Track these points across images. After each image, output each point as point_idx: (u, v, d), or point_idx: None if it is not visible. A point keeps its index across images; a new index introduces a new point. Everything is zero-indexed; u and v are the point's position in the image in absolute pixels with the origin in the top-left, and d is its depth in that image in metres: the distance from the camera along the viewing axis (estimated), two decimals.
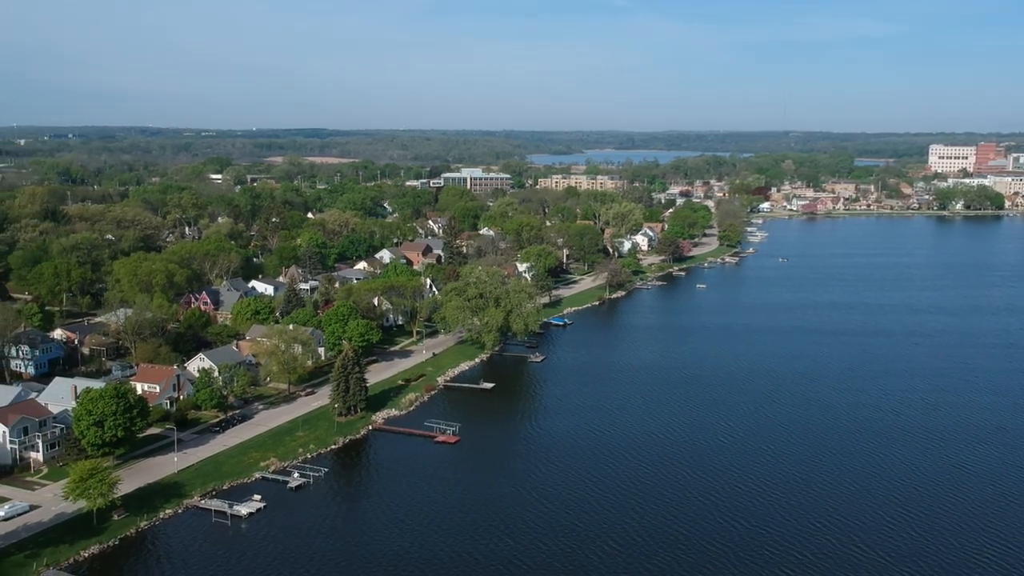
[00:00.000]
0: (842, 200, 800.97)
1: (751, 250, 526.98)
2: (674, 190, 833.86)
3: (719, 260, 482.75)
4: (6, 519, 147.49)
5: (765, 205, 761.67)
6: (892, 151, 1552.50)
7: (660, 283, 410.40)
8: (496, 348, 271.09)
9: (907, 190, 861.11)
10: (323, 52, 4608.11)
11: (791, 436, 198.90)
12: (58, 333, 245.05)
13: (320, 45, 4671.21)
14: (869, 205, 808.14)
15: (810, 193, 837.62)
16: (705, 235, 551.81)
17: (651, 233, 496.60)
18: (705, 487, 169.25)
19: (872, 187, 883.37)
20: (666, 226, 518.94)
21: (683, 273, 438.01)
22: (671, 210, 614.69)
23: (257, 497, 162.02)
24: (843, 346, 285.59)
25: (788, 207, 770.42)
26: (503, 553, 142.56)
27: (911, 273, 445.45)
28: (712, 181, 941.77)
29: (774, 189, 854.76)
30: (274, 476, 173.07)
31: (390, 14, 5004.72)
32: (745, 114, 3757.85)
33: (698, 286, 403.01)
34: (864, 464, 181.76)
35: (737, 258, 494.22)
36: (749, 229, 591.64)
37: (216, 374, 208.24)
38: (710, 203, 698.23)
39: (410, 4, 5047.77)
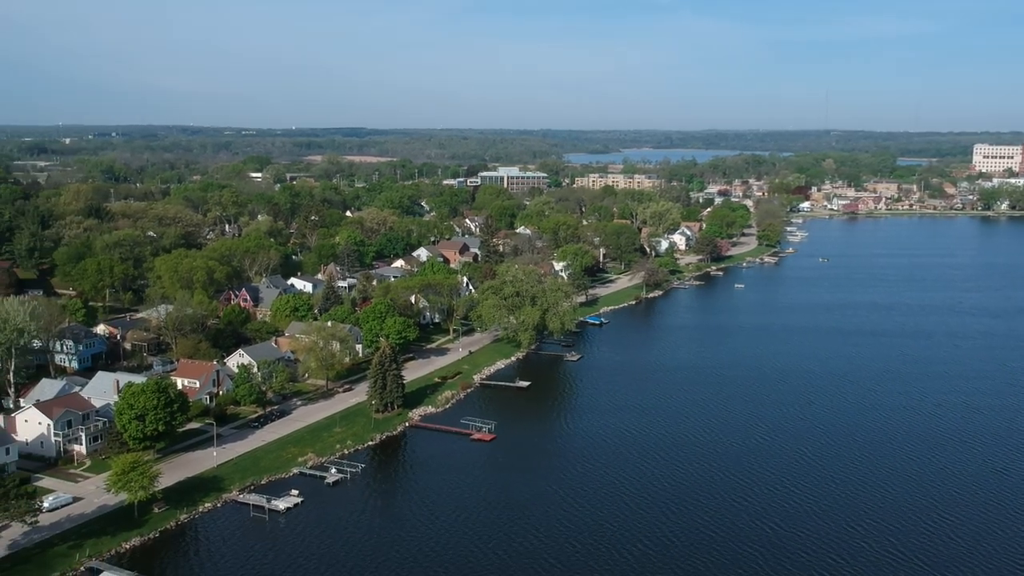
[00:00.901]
0: (884, 200, 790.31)
1: (790, 250, 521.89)
2: (712, 189, 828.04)
3: (758, 260, 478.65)
4: (51, 510, 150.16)
5: (805, 205, 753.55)
6: (935, 150, 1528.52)
7: (697, 283, 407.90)
8: (532, 347, 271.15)
9: (951, 190, 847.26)
10: (362, 52, 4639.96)
11: (826, 438, 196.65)
12: (101, 328, 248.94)
13: (359, 45, 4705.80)
14: (912, 205, 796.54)
15: (851, 193, 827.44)
16: (743, 235, 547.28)
17: (689, 232, 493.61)
18: (738, 489, 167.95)
19: (915, 187, 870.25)
20: (704, 225, 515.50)
21: (721, 273, 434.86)
22: (709, 209, 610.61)
23: (295, 492, 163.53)
24: (882, 347, 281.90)
25: (829, 207, 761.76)
26: (535, 552, 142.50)
27: (954, 274, 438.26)
28: (751, 180, 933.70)
29: (814, 188, 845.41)
30: (312, 472, 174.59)
31: (428, 14, 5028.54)
32: (785, 113, 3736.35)
33: (736, 286, 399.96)
34: (902, 467, 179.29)
35: (776, 258, 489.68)
36: (788, 229, 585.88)
37: (255, 370, 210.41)
38: (749, 202, 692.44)
39: (448, 3, 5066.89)
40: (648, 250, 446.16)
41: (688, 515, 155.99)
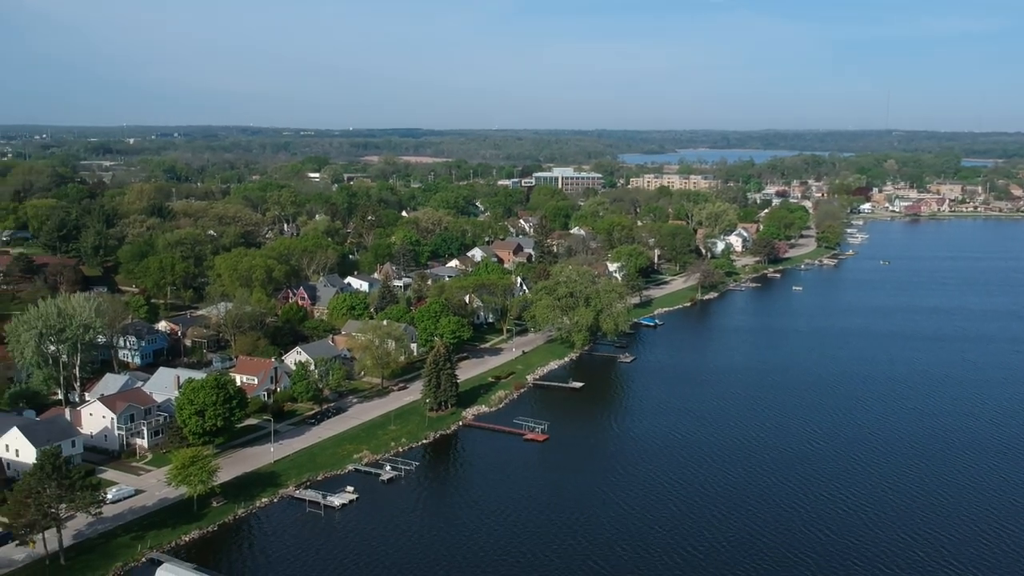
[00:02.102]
0: (947, 202, 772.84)
1: (850, 252, 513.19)
2: (770, 190, 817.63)
3: (816, 262, 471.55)
4: (114, 502, 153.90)
5: (866, 206, 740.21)
6: (1002, 151, 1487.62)
7: (754, 285, 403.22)
8: (585, 347, 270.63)
9: (1017, 191, 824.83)
10: (419, 54, 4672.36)
11: (882, 444, 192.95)
12: (162, 325, 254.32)
13: (416, 47, 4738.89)
14: (976, 207, 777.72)
15: (913, 194, 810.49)
16: (802, 236, 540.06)
17: (745, 234, 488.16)
18: (789, 495, 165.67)
19: (980, 188, 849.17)
20: (761, 227, 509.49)
21: (778, 275, 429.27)
22: (767, 210, 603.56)
23: (350, 489, 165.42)
24: (943, 352, 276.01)
25: (890, 208, 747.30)
26: (584, 554, 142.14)
27: (1018, 278, 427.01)
28: (810, 181, 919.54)
29: (875, 190, 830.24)
30: (367, 468, 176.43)
31: (484, 15, 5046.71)
32: (845, 112, 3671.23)
33: (794, 288, 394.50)
34: (959, 476, 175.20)
35: (835, 260, 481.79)
36: (848, 231, 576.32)
37: (312, 367, 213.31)
38: (808, 203, 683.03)
39: (503, 4, 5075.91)
40: (704, 251, 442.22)
41: (738, 521, 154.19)
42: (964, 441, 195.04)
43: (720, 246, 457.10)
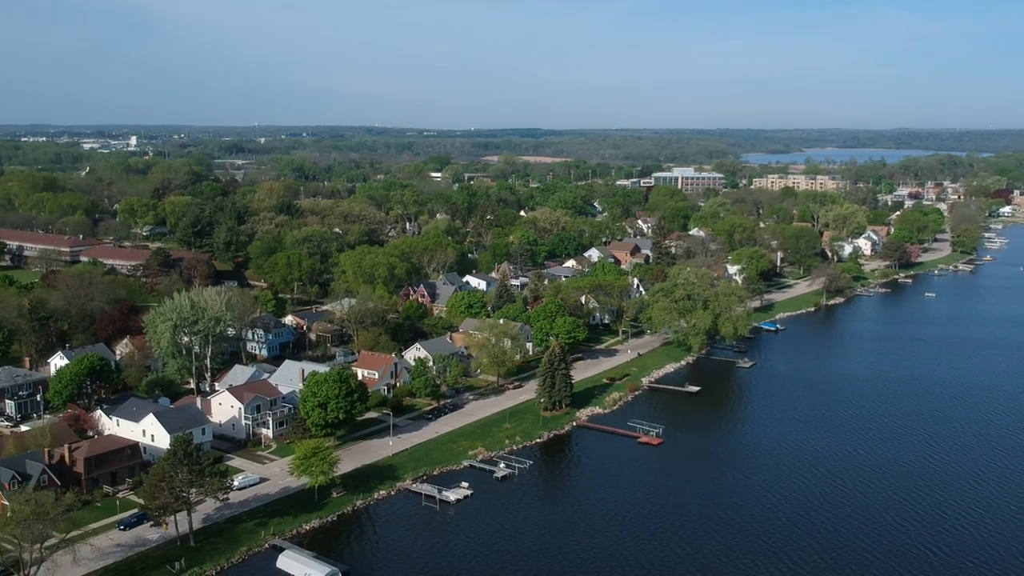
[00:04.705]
0: None
1: (988, 257, 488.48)
2: (902, 191, 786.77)
3: (951, 267, 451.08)
4: (240, 489, 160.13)
5: (1006, 209, 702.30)
6: None
7: (883, 290, 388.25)
8: (703, 351, 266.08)
9: None
10: (540, 54, 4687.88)
11: (1007, 462, 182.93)
12: (289, 319, 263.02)
13: (537, 48, 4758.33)
14: None
15: None
16: (936, 240, 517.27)
17: (875, 237, 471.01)
18: (905, 511, 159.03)
19: None
20: (892, 229, 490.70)
21: (909, 280, 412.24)
22: (898, 213, 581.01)
23: (465, 484, 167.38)
24: None
25: None
26: (694, 560, 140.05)
27: None
28: (945, 182, 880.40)
29: (1017, 192, 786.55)
30: (481, 465, 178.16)
31: (606, 15, 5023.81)
32: (985, 111, 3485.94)
33: (926, 295, 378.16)
34: None
35: (972, 266, 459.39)
36: (987, 235, 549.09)
37: (431, 364, 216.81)
38: (942, 206, 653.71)
39: (627, 4, 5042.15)
40: (830, 255, 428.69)
41: (847, 535, 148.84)
42: None
43: (848, 249, 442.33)
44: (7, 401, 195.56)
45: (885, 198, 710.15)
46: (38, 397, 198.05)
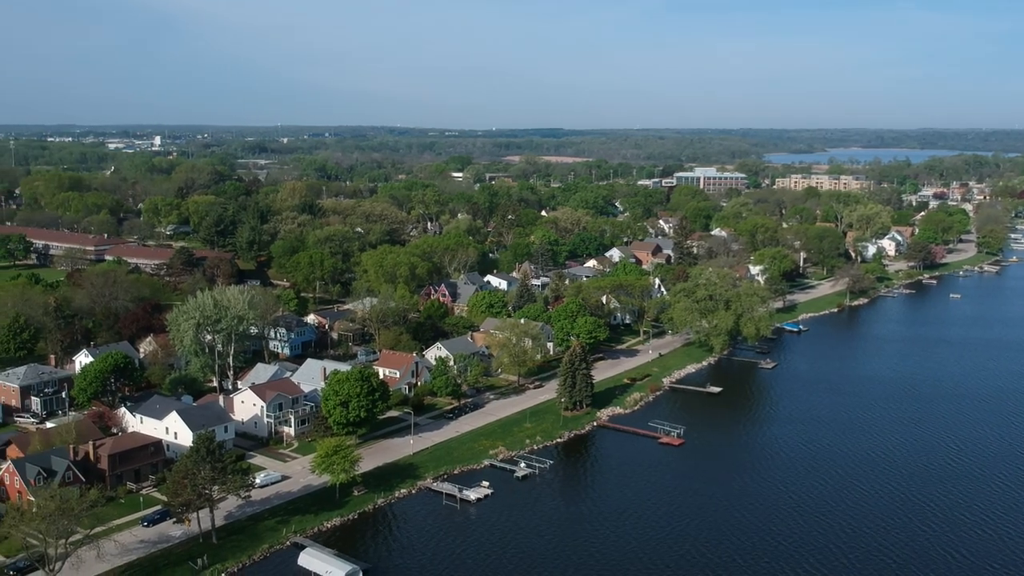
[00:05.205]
0: None
1: (1014, 259, 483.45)
2: (927, 192, 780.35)
3: (976, 268, 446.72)
4: (262, 486, 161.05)
5: None
6: None
7: (907, 291, 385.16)
8: (724, 352, 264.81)
9: None
10: (561, 54, 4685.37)
11: None
12: (311, 318, 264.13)
13: (558, 48, 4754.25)
14: None
15: None
16: (961, 241, 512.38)
17: (899, 237, 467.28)
18: (927, 513, 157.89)
19: None
20: (916, 230, 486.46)
21: (934, 281, 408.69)
22: (923, 213, 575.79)
23: (485, 484, 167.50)
24: None
25: None
26: (715, 563, 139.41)
27: None
28: (971, 183, 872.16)
29: None
30: (502, 464, 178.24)
31: (628, 14, 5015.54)
32: (1012, 111, 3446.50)
33: (951, 296, 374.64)
34: None
35: (997, 267, 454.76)
36: (1013, 236, 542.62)
37: (452, 363, 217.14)
38: (968, 206, 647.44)
39: (648, 3, 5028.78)
40: (853, 255, 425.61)
41: (867, 539, 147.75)
42: None
43: (871, 250, 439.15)
44: (33, 398, 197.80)
45: (910, 198, 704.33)
46: (63, 394, 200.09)
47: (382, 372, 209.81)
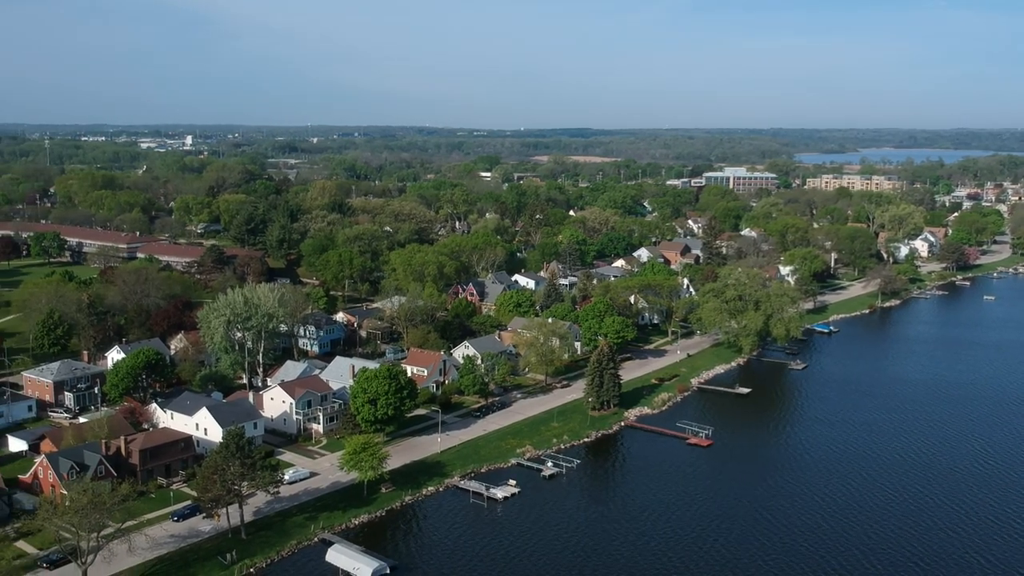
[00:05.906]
0: None
1: None
2: (961, 192, 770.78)
3: (1011, 270, 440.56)
4: (290, 483, 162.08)
5: None
6: None
7: (940, 292, 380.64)
8: (754, 352, 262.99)
9: None
10: (590, 54, 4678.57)
11: None
12: (340, 316, 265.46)
13: (587, 48, 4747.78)
14: None
15: None
16: (995, 243, 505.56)
17: (932, 238, 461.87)
18: (955, 517, 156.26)
19: None
20: (950, 231, 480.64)
21: (967, 283, 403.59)
22: (956, 214, 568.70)
23: (512, 482, 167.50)
24: None
25: None
26: (741, 565, 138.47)
27: None
28: (1006, 183, 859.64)
29: None
30: (529, 463, 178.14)
31: (657, 14, 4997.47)
32: None
33: (985, 298, 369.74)
34: None
35: None
36: None
37: (479, 362, 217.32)
38: (1003, 207, 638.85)
39: (678, 2, 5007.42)
40: (885, 256, 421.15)
41: (893, 541, 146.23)
42: None
43: (904, 251, 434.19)
44: (66, 393, 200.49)
45: (943, 199, 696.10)
46: (96, 390, 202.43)
47: (410, 370, 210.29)
